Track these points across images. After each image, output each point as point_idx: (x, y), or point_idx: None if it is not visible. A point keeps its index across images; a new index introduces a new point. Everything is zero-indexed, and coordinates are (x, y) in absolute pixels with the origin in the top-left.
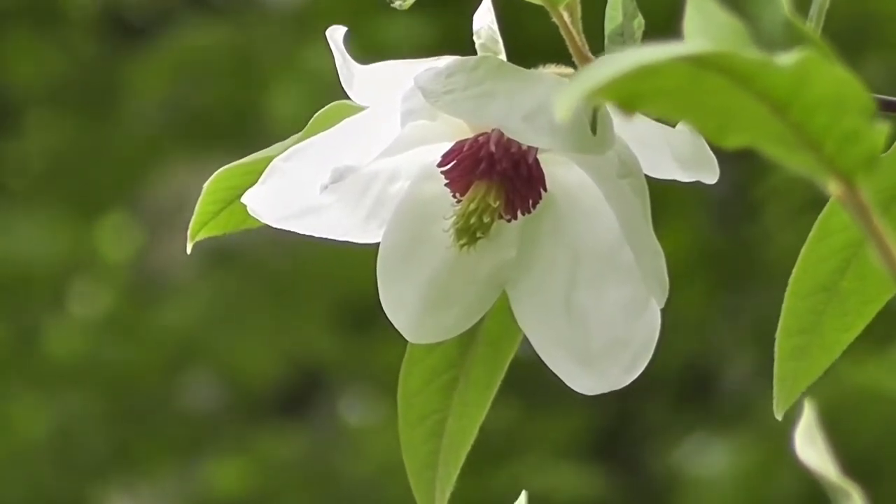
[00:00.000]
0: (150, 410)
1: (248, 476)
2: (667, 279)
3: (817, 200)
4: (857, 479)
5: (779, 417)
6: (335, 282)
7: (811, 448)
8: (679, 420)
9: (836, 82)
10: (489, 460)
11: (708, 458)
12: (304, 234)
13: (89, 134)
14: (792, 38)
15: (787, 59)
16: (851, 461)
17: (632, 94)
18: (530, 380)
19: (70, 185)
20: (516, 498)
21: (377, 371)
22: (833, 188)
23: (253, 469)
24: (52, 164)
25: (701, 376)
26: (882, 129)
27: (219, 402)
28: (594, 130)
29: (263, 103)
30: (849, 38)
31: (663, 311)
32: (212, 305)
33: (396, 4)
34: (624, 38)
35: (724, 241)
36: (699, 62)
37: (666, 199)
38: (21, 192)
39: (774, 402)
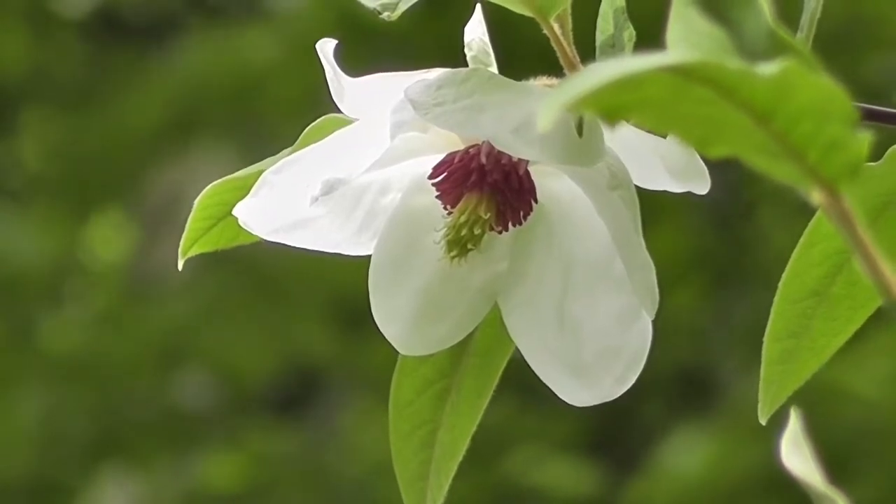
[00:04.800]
0: (144, 406)
1: (241, 473)
2: (657, 291)
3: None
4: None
5: (763, 421)
6: (329, 281)
7: (796, 455)
8: (674, 419)
9: (818, 91)
10: (485, 456)
11: (693, 452)
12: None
13: (83, 133)
14: (775, 46)
15: (769, 68)
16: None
17: (615, 104)
18: (526, 376)
19: (65, 183)
20: (512, 493)
21: (371, 370)
22: (817, 197)
23: (245, 466)
24: (46, 162)
25: (696, 376)
26: (865, 137)
27: (212, 400)
28: (583, 140)
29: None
30: (843, 40)
31: (658, 310)
32: (206, 303)
33: (384, 16)
34: (615, 49)
35: (719, 241)
36: (682, 73)
37: (660, 200)
38: (16, 191)
39: (759, 405)
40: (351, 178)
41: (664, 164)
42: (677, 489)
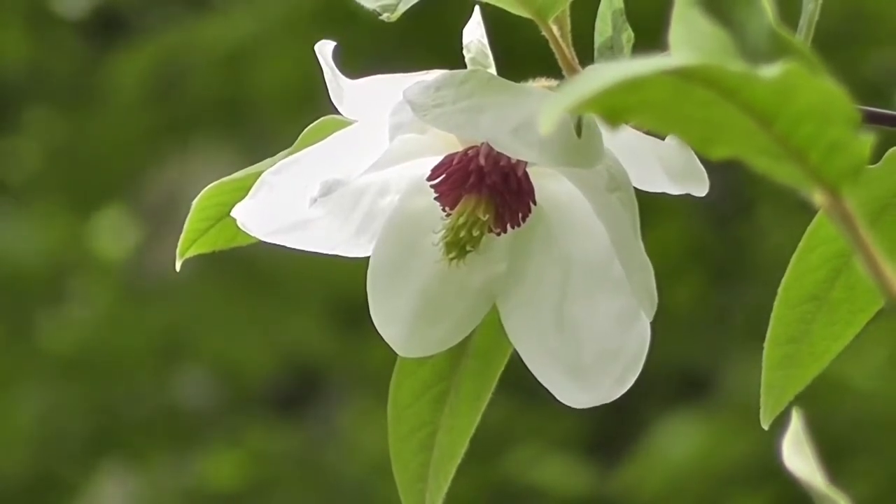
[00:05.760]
0: (144, 404)
1: (240, 471)
2: (655, 293)
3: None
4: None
5: (765, 426)
6: (328, 280)
7: (798, 456)
8: (672, 416)
9: (820, 94)
10: (484, 455)
11: (685, 438)
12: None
13: (83, 130)
14: (777, 47)
15: (771, 71)
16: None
17: (617, 106)
18: (524, 375)
19: (65, 182)
20: (511, 492)
21: (370, 369)
22: (819, 198)
23: (245, 464)
24: (47, 161)
25: (694, 373)
26: (866, 139)
27: (212, 398)
28: (582, 142)
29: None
30: (843, 36)
31: (656, 309)
32: (206, 302)
33: (384, 17)
34: (613, 51)
35: (717, 239)
36: (684, 75)
37: (659, 198)
38: (16, 189)
39: (761, 410)
40: (349, 180)
41: (663, 165)
42: (668, 474)
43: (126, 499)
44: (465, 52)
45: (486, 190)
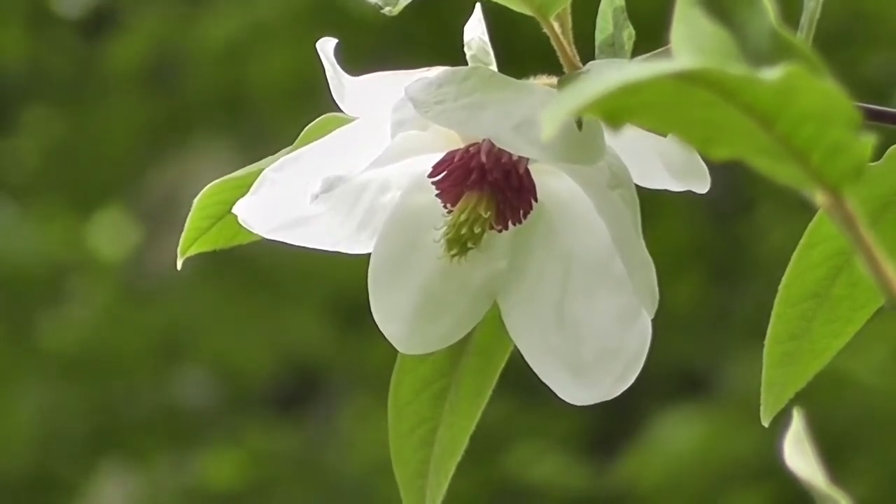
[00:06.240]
0: (143, 404)
1: (240, 471)
2: (657, 290)
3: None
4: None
5: (766, 424)
6: (328, 278)
7: (799, 456)
8: (672, 414)
9: (821, 95)
10: (484, 453)
11: (685, 431)
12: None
13: (82, 128)
14: (779, 47)
15: (772, 73)
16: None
17: (619, 108)
18: (525, 373)
19: (65, 181)
20: (511, 490)
21: (370, 368)
22: (820, 199)
23: (245, 464)
24: (46, 160)
25: (694, 370)
26: (868, 140)
27: (212, 398)
28: (584, 139)
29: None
30: (843, 37)
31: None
32: (206, 301)
33: (386, 11)
34: (614, 48)
35: (717, 236)
36: (685, 78)
37: (659, 195)
38: (16, 189)
39: (762, 408)
40: (351, 176)
41: (664, 162)
42: (668, 469)
43: (126, 499)
44: (466, 49)
45: (487, 187)
